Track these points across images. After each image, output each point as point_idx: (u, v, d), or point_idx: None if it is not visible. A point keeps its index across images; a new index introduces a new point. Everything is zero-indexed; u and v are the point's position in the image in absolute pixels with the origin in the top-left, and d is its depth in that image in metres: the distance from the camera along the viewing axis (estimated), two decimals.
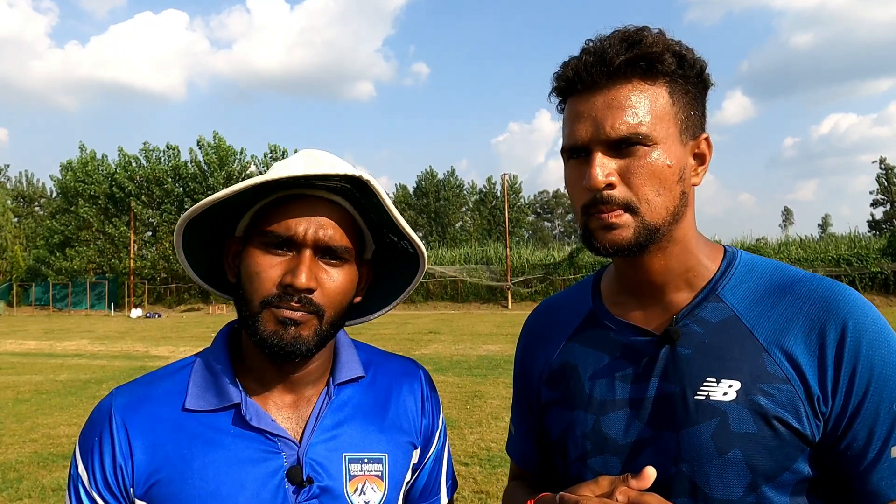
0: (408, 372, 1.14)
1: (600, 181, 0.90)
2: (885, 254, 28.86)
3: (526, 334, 1.22)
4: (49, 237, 43.93)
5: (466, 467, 5.55)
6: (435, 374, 10.69)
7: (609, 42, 0.92)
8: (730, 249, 1.03)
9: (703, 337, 0.94)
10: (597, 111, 0.92)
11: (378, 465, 1.01)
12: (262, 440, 0.95)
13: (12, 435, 7.05)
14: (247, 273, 0.94)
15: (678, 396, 0.93)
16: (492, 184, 60.10)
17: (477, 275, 35.14)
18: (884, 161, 56.49)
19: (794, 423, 0.88)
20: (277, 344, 0.92)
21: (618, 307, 1.05)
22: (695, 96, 0.96)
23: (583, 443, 1.01)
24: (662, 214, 0.93)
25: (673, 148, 0.92)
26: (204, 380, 0.98)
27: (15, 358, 14.56)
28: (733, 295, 0.97)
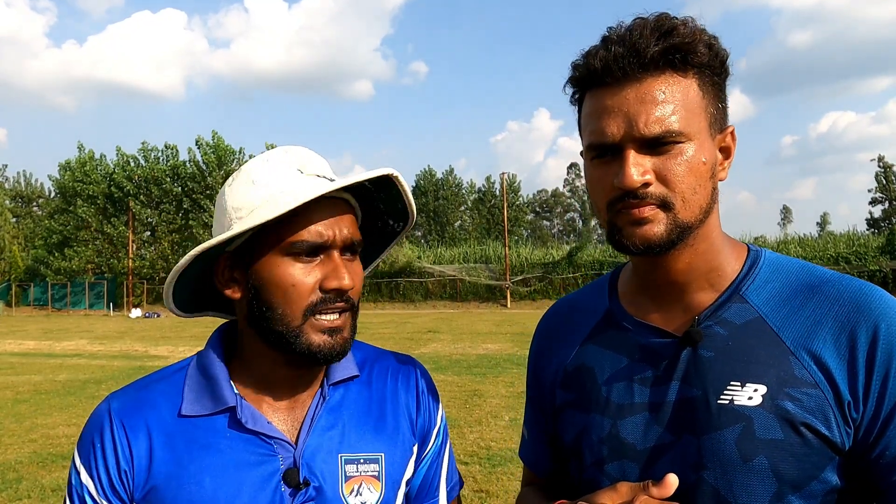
0: (404, 369, 1.13)
1: (637, 181, 0.85)
2: (883, 252, 28.92)
3: (540, 335, 1.17)
4: (48, 237, 43.88)
5: (466, 466, 5.56)
6: (434, 373, 10.68)
7: (639, 31, 0.86)
8: (753, 248, 0.99)
9: (727, 339, 0.90)
10: (629, 106, 0.86)
11: (374, 465, 1.01)
12: (258, 443, 0.95)
13: (11, 435, 7.05)
14: (278, 286, 0.92)
15: (700, 400, 0.89)
16: (490, 183, 60.13)
17: (476, 274, 35.14)
18: (882, 159, 56.56)
19: (822, 429, 0.83)
20: (328, 353, 0.94)
21: (636, 307, 1.01)
22: (721, 87, 0.92)
23: (599, 448, 0.97)
24: (696, 212, 0.88)
25: (705, 143, 0.89)
26: (199, 384, 0.98)
27: (14, 358, 14.54)
28: (758, 296, 0.92)
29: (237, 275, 0.97)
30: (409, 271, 35.88)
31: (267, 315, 0.94)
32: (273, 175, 0.95)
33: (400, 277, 35.96)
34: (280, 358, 0.97)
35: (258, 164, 0.98)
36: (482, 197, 60.07)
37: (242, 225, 0.90)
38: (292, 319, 0.93)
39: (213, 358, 1.00)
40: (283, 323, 0.93)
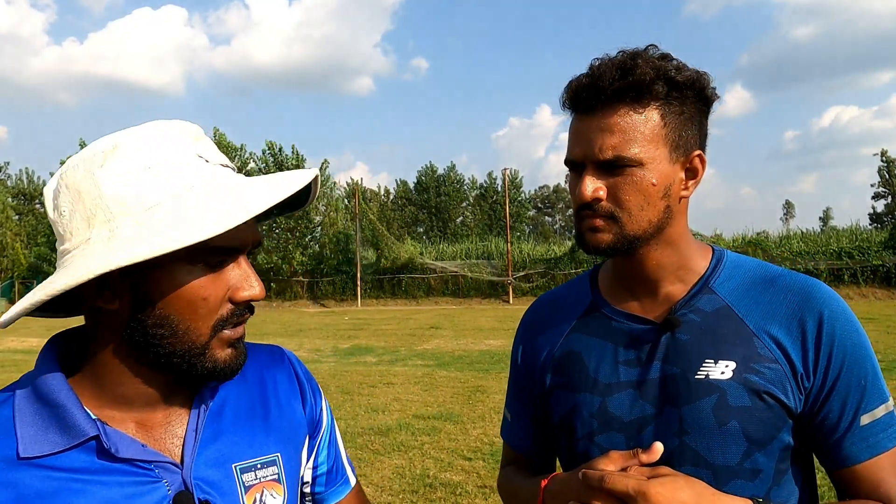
0: (276, 358, 1.03)
1: (588, 196, 1.02)
2: (886, 247, 28.81)
3: (526, 326, 1.30)
4: (50, 235, 43.86)
5: (470, 462, 5.56)
6: (437, 369, 10.70)
7: (606, 68, 1.01)
8: (717, 249, 1.15)
9: (701, 324, 1.06)
10: (590, 133, 1.02)
11: (273, 467, 0.91)
12: (134, 471, 0.79)
13: None
14: (186, 299, 0.78)
15: (680, 377, 1.04)
16: (492, 179, 60.05)
17: (478, 270, 35.10)
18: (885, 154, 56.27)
19: (781, 396, 1.01)
20: (233, 369, 0.84)
21: (617, 299, 1.16)
22: (691, 115, 1.05)
23: (590, 422, 1.10)
24: (643, 226, 1.04)
25: (660, 167, 1.02)
26: (37, 416, 0.78)
27: (17, 355, 14.57)
28: (724, 288, 1.09)
29: (113, 283, 0.77)
30: (411, 267, 35.83)
31: (162, 333, 0.78)
32: (173, 161, 0.77)
33: (402, 274, 35.93)
34: (154, 376, 0.83)
35: (146, 143, 0.78)
36: (484, 193, 59.95)
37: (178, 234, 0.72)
38: (198, 337, 0.80)
39: (51, 381, 0.79)
40: (186, 341, 0.79)
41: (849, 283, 28.38)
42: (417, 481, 5.14)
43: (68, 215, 0.78)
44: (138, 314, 0.78)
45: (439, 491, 4.93)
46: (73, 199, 0.77)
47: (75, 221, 0.77)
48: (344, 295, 37.02)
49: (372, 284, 36.57)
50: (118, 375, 0.83)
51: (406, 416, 7.34)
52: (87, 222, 0.77)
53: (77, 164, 0.79)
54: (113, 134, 0.81)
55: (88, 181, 0.77)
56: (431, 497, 4.83)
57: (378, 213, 45.45)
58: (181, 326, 0.79)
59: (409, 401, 8.18)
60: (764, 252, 30.27)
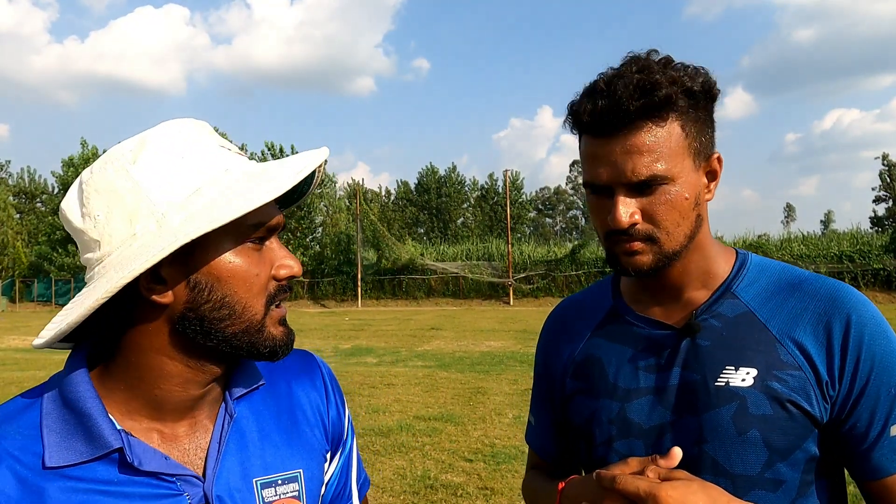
0: (306, 366, 1.01)
1: (625, 222, 0.98)
2: (887, 250, 28.83)
3: (548, 331, 1.29)
4: (51, 233, 43.95)
5: (471, 463, 5.56)
6: (438, 370, 10.71)
7: (624, 88, 0.96)
8: (741, 253, 1.12)
9: (721, 330, 1.03)
10: (616, 156, 0.97)
11: (294, 483, 0.90)
12: (157, 484, 0.79)
13: None
14: (242, 277, 0.79)
15: (699, 383, 1.01)
16: (493, 180, 60.12)
17: (479, 271, 35.12)
18: (886, 157, 56.37)
19: (805, 405, 0.97)
20: (286, 347, 0.85)
21: (638, 304, 1.13)
22: (705, 119, 1.02)
23: (608, 428, 1.08)
24: (680, 241, 1.02)
25: (689, 179, 1.00)
26: (63, 423, 0.77)
27: (18, 354, 14.60)
28: (747, 292, 1.05)
29: (166, 273, 0.77)
30: (412, 268, 35.86)
31: (222, 315, 0.79)
32: (202, 149, 0.80)
33: (402, 274, 35.96)
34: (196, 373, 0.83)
35: (170, 136, 0.80)
36: (485, 194, 60.01)
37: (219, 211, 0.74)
38: (255, 314, 0.81)
39: (80, 386, 0.79)
40: (245, 319, 0.80)
41: None
42: (418, 482, 5.14)
43: (104, 218, 0.77)
44: (197, 303, 0.79)
45: (440, 492, 4.92)
46: (109, 199, 0.77)
47: (114, 222, 0.76)
48: (344, 295, 37.07)
49: (372, 285, 36.61)
50: (156, 376, 0.81)
51: (407, 417, 7.34)
52: (129, 220, 0.76)
53: (103, 166, 0.78)
54: (133, 136, 0.81)
55: (123, 178, 0.76)
56: (432, 498, 4.83)
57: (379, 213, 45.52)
58: (239, 306, 0.80)
59: (409, 402, 8.18)
60: (765, 255, 29.89)
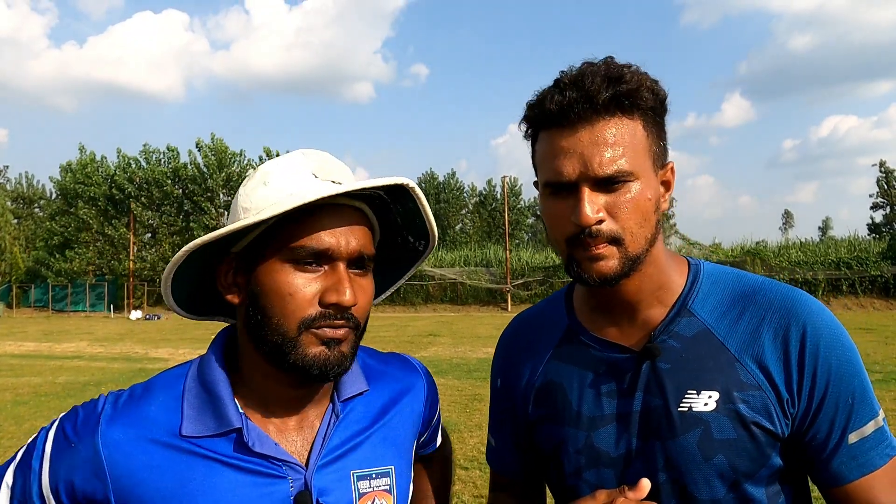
0: (408, 375, 1.12)
1: (592, 218, 0.94)
2: (885, 257, 28.84)
3: (504, 350, 1.25)
4: (48, 239, 43.90)
5: (466, 471, 5.53)
6: (435, 376, 10.53)
7: (591, 78, 0.94)
8: (693, 262, 1.09)
9: (681, 351, 1.01)
10: (583, 147, 0.94)
11: (386, 478, 0.99)
12: (266, 465, 0.90)
13: (10, 437, 7.04)
14: (275, 293, 0.87)
15: (662, 409, 1.00)
16: (492, 186, 60.12)
17: (477, 277, 35.10)
18: (884, 164, 56.46)
19: (767, 425, 0.96)
20: (323, 367, 0.88)
21: (593, 324, 1.10)
22: (662, 126, 1.01)
23: (577, 458, 1.06)
24: (642, 244, 0.98)
25: (650, 181, 0.98)
26: (200, 400, 0.91)
27: (14, 360, 14.52)
28: (702, 308, 1.03)
29: (239, 279, 0.93)
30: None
31: (263, 323, 0.89)
32: (286, 177, 0.91)
33: None
34: (276, 372, 0.92)
35: (273, 165, 0.95)
36: (483, 200, 60.02)
37: (243, 221, 0.87)
38: (287, 330, 0.87)
39: (215, 371, 0.93)
40: (278, 333, 0.88)
41: (847, 294, 28.40)
42: None
43: (228, 219, 0.96)
44: (250, 308, 0.90)
45: None
46: (232, 207, 0.97)
47: (230, 219, 0.95)
48: None
49: None
50: (250, 367, 0.94)
51: None
52: (232, 220, 0.93)
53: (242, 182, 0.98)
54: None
55: (237, 195, 0.96)
56: None
57: None
58: (273, 319, 0.88)
59: None
60: (763, 261, 30.29)
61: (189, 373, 0.95)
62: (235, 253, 0.93)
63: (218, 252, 0.94)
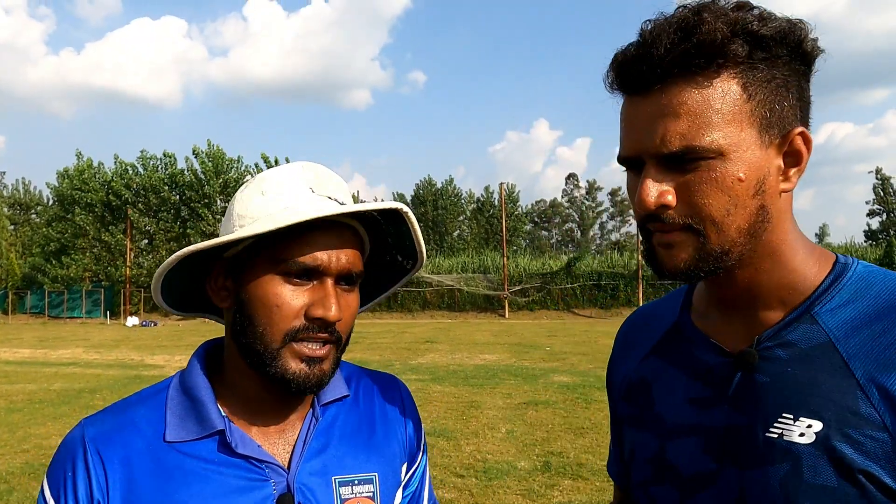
0: (389, 386, 1.12)
1: (651, 203, 0.78)
2: (881, 264, 28.90)
3: (616, 345, 1.11)
4: (45, 245, 43.77)
5: (462, 479, 5.51)
6: (432, 383, 10.65)
7: (661, 30, 0.76)
8: (842, 260, 0.87)
9: (787, 364, 0.81)
10: (645, 120, 0.78)
11: (369, 485, 0.98)
12: (248, 468, 0.91)
13: (4, 445, 6.99)
14: (263, 303, 0.89)
15: (748, 430, 0.81)
16: (489, 193, 60.19)
17: (474, 284, 35.09)
18: (880, 171, 56.70)
19: (888, 481, 0.73)
20: (302, 383, 0.90)
21: (704, 321, 0.93)
22: (784, 81, 0.78)
23: (645, 467, 0.93)
24: (733, 236, 0.79)
25: (747, 154, 0.77)
26: (182, 406, 0.93)
27: (9, 367, 14.46)
28: (832, 316, 0.81)
29: (229, 284, 0.94)
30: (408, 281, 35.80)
31: (248, 331, 0.90)
32: (282, 189, 0.93)
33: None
34: (261, 380, 0.94)
35: (272, 175, 0.95)
36: (481, 207, 60.08)
37: (239, 233, 0.88)
38: (271, 341, 0.89)
39: (197, 378, 0.95)
40: (262, 342, 0.90)
41: None
42: None
43: (222, 228, 0.98)
44: (237, 314, 0.92)
45: None
46: (226, 214, 0.97)
47: (224, 228, 0.97)
48: None
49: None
50: (234, 372, 0.96)
51: None
52: (226, 228, 0.95)
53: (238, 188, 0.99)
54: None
55: (232, 202, 0.97)
56: None
57: None
58: (258, 328, 0.90)
59: None
60: None
61: (171, 383, 0.97)
62: (227, 258, 0.95)
63: (210, 257, 0.96)
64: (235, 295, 0.93)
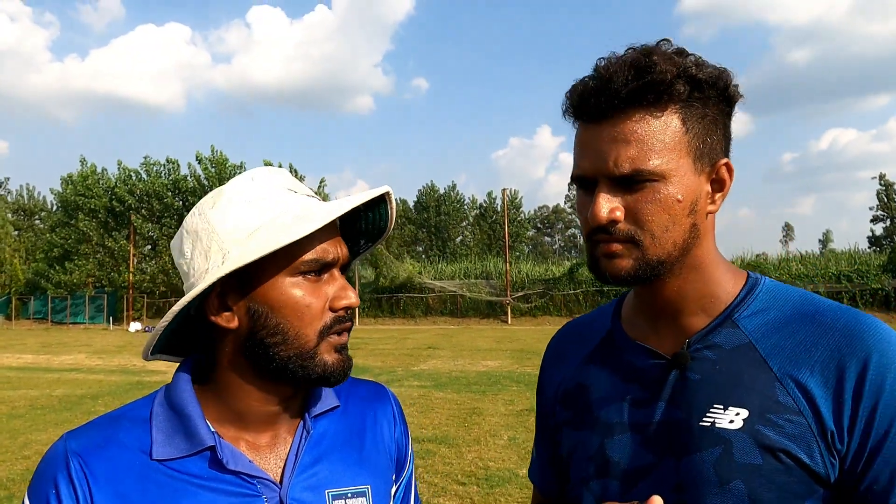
0: (378, 396, 1.12)
1: (604, 218, 0.89)
2: (885, 270, 28.82)
3: (547, 354, 1.22)
4: (49, 250, 43.88)
5: (464, 487, 5.48)
6: (434, 390, 10.62)
7: (617, 68, 0.88)
8: (753, 276, 1.01)
9: (715, 363, 0.93)
10: (601, 144, 0.89)
11: (362, 498, 0.97)
12: (240, 483, 0.89)
13: (5, 451, 6.98)
14: (290, 307, 0.89)
15: (683, 422, 0.91)
16: (492, 198, 60.21)
17: (477, 290, 35.05)
18: (883, 177, 56.64)
19: (804, 457, 0.84)
20: (340, 373, 0.92)
21: (635, 329, 1.04)
22: (714, 118, 0.92)
23: (586, 465, 1.00)
24: (668, 248, 0.91)
25: (684, 180, 0.90)
26: (169, 422, 0.91)
27: (11, 372, 14.47)
28: (750, 322, 0.94)
29: (231, 301, 0.90)
30: (410, 287, 35.83)
31: (276, 340, 0.89)
32: (268, 194, 0.92)
33: (400, 293, 35.90)
34: (269, 391, 0.93)
35: (245, 183, 0.93)
36: (483, 212, 60.09)
37: (258, 246, 0.85)
38: (307, 341, 0.90)
39: (184, 393, 0.93)
40: (297, 346, 0.89)
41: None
42: None
43: (190, 256, 0.92)
44: (255, 328, 0.90)
45: None
46: (193, 240, 0.92)
47: (196, 259, 0.91)
48: None
49: (370, 303, 36.47)
50: (237, 391, 0.94)
51: None
52: (206, 256, 0.90)
53: (194, 211, 0.94)
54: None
55: (203, 221, 0.91)
56: None
57: None
58: (291, 333, 0.89)
59: None
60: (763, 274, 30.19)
61: (156, 398, 0.95)
62: (226, 277, 0.89)
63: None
64: (247, 310, 0.90)
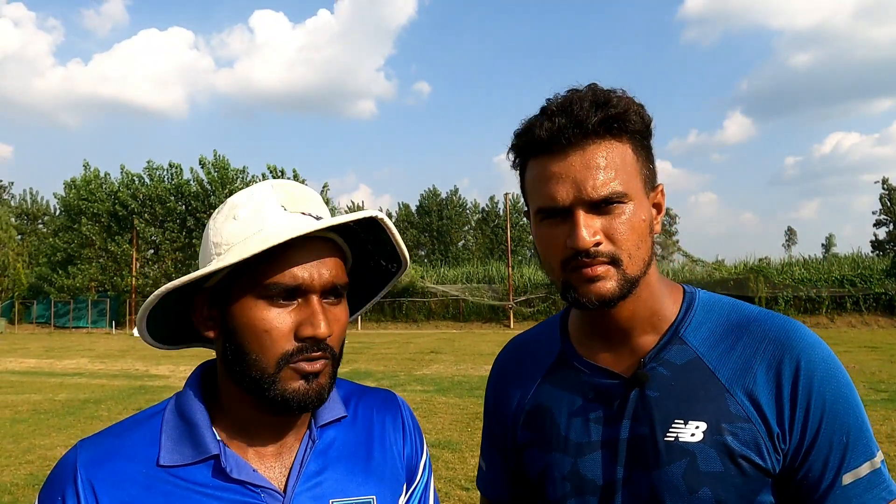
0: (388, 405, 1.11)
1: (590, 241, 0.94)
2: (888, 274, 28.74)
3: (497, 373, 1.24)
4: (52, 255, 43.91)
5: (467, 492, 5.47)
6: (436, 394, 10.61)
7: (579, 104, 0.96)
8: (688, 290, 1.09)
9: (670, 379, 1.00)
10: (576, 172, 0.95)
11: None
12: (244, 492, 0.90)
13: (8, 456, 6.99)
14: (251, 331, 0.88)
15: (649, 438, 0.98)
16: (494, 203, 60.21)
17: (479, 294, 35.02)
18: (887, 181, 56.51)
19: (757, 459, 0.94)
20: (303, 401, 0.89)
21: (587, 349, 1.09)
22: (649, 150, 1.02)
23: (562, 484, 1.04)
24: (641, 266, 0.98)
25: (643, 202, 0.99)
26: (177, 430, 0.92)
27: (14, 377, 14.49)
28: (695, 336, 1.02)
29: (214, 314, 0.93)
30: (412, 291, 35.80)
31: (241, 359, 0.89)
32: (255, 211, 0.92)
33: (403, 297, 35.88)
34: (257, 403, 0.93)
35: (242, 198, 0.95)
36: (486, 217, 60.09)
37: (215, 264, 0.87)
38: (266, 366, 0.88)
39: (192, 401, 0.94)
40: (256, 369, 0.88)
41: (851, 311, 28.26)
42: None
43: (201, 257, 0.97)
44: (226, 345, 0.91)
45: None
46: (203, 243, 0.97)
47: (202, 259, 0.96)
48: None
49: (372, 307, 36.32)
50: (228, 398, 0.95)
51: None
52: (205, 259, 0.94)
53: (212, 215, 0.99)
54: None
55: (207, 230, 0.96)
56: None
57: None
58: (251, 356, 0.88)
59: None
60: (766, 278, 30.20)
61: (167, 407, 0.96)
62: (207, 288, 0.93)
63: (192, 288, 0.94)
64: (222, 324, 0.91)
